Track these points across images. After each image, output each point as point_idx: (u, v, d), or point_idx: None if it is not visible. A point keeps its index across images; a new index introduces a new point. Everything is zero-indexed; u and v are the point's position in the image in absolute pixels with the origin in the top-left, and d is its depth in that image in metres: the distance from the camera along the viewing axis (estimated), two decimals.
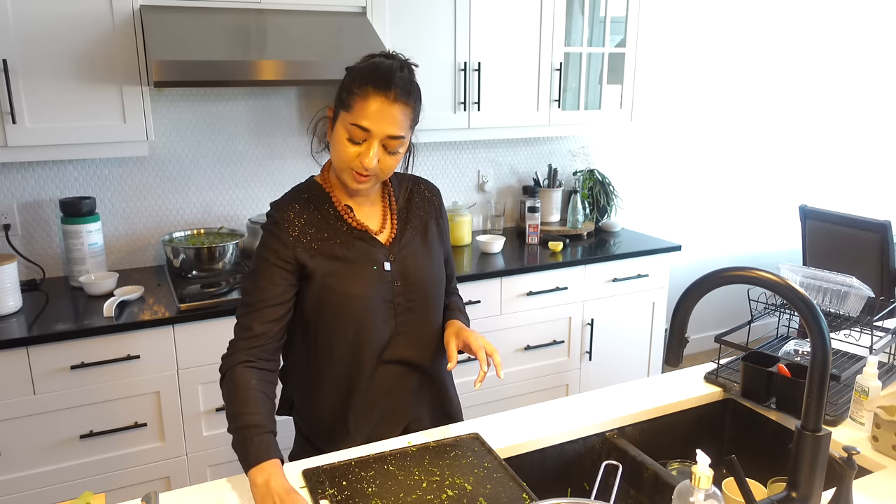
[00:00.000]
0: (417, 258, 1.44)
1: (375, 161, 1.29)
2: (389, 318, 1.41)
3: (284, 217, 1.36)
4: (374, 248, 1.40)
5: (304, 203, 1.39)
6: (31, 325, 2.08)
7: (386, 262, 1.40)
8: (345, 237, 1.38)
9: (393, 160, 1.33)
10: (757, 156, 4.18)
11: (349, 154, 1.31)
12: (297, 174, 2.85)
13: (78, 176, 2.51)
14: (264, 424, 1.24)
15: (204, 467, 2.32)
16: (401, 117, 1.29)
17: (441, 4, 2.62)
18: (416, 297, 1.43)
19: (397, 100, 1.28)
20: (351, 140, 1.30)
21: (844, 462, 1.09)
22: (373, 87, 1.27)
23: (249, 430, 1.22)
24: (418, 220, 1.48)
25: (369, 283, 1.37)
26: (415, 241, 1.45)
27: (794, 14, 4.04)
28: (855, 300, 1.72)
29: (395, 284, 1.40)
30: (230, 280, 2.39)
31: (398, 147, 1.32)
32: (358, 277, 1.37)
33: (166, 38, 2.11)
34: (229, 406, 1.27)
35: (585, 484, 1.47)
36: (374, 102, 1.27)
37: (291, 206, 1.38)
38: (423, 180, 1.55)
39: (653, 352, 3.18)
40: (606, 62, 3.06)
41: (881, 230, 3.20)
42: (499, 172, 3.30)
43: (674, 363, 1.16)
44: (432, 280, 1.46)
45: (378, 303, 1.38)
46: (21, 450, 2.05)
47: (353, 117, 1.28)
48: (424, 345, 1.46)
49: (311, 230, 1.37)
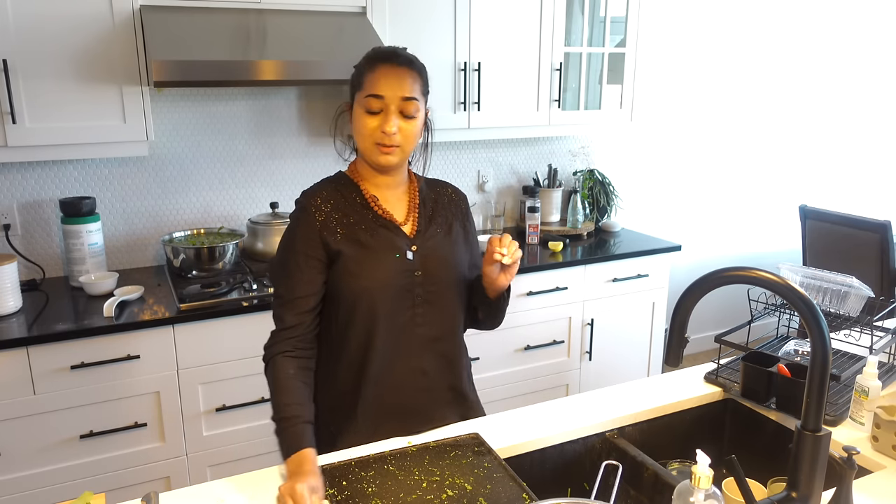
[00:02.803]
0: (440, 251, 1.46)
1: (395, 126, 1.34)
2: (407, 308, 1.41)
3: (311, 202, 1.41)
4: (398, 237, 1.42)
5: (331, 190, 1.44)
6: (31, 325, 2.08)
7: (408, 251, 1.42)
8: (370, 224, 1.41)
9: (412, 127, 1.37)
10: (757, 156, 4.18)
11: (370, 127, 1.35)
12: (297, 174, 2.85)
13: (78, 176, 2.51)
14: (300, 415, 1.30)
15: (204, 467, 2.32)
16: (410, 81, 1.36)
17: (441, 4, 2.62)
18: (436, 290, 1.44)
19: (402, 65, 1.36)
20: (369, 112, 1.35)
21: (844, 462, 1.09)
22: (379, 60, 1.36)
23: (285, 423, 1.29)
24: (443, 218, 1.51)
25: (390, 270, 1.39)
26: (438, 236, 1.47)
27: (794, 14, 4.04)
28: (855, 300, 1.72)
29: (416, 274, 1.41)
30: (230, 280, 2.39)
31: (414, 111, 1.36)
32: (380, 263, 1.39)
33: (166, 38, 2.11)
34: (271, 395, 1.34)
35: (585, 484, 1.47)
36: (382, 70, 1.35)
37: (319, 192, 1.43)
38: (451, 185, 1.58)
39: (653, 352, 3.18)
40: (606, 62, 3.06)
41: (881, 230, 3.20)
42: (499, 172, 3.30)
43: (674, 363, 1.16)
44: (454, 275, 1.47)
45: (398, 290, 1.40)
46: (21, 450, 2.05)
47: (367, 90, 1.35)
48: (441, 338, 1.46)
49: (338, 215, 1.40)
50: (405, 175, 1.49)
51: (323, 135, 2.86)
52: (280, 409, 1.31)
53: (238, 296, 2.30)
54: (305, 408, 1.33)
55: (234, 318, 2.24)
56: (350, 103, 1.42)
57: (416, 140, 1.41)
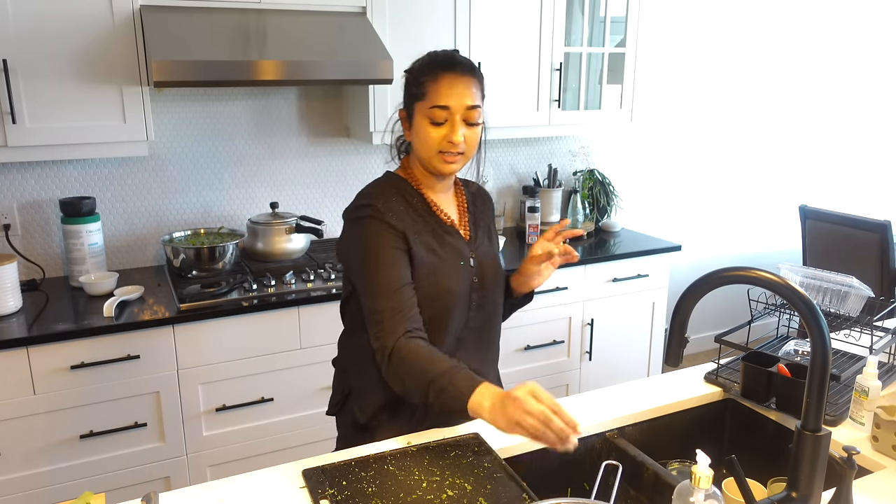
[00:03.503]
0: (489, 256, 1.50)
1: (462, 135, 1.34)
2: (464, 313, 1.44)
3: (375, 207, 1.35)
4: (462, 244, 1.45)
5: (389, 196, 1.40)
6: (31, 325, 2.08)
7: (471, 257, 1.45)
8: (436, 231, 1.42)
9: (475, 134, 1.38)
10: (757, 156, 4.18)
11: (435, 138, 1.35)
12: (297, 174, 2.85)
13: (78, 176, 2.51)
14: (455, 365, 1.23)
15: (204, 467, 2.32)
16: (473, 88, 1.36)
17: (441, 4, 2.62)
18: (487, 295, 1.47)
19: (465, 73, 1.35)
20: (434, 123, 1.35)
21: (844, 462, 1.09)
22: (440, 69, 1.35)
23: (444, 377, 1.21)
24: (483, 221, 1.54)
25: (459, 277, 1.42)
26: (484, 241, 1.51)
27: (794, 14, 4.04)
28: (855, 300, 1.72)
29: (474, 280, 1.44)
30: (230, 280, 2.39)
31: (477, 118, 1.37)
32: (451, 272, 1.41)
33: (166, 38, 2.11)
34: (409, 378, 1.26)
35: (585, 484, 1.47)
36: (446, 80, 1.34)
37: (379, 199, 1.37)
38: (475, 183, 1.60)
39: (653, 352, 3.18)
40: (606, 62, 3.06)
41: (881, 230, 3.20)
42: (499, 172, 3.30)
43: (674, 363, 1.16)
44: (499, 280, 1.51)
45: (461, 297, 1.42)
46: (21, 450, 2.05)
47: (431, 101, 1.34)
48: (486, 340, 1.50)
49: (406, 220, 1.38)
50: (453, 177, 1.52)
51: (323, 135, 2.86)
52: (429, 374, 1.21)
53: (238, 296, 2.30)
54: (456, 362, 1.25)
55: (234, 318, 2.24)
56: (405, 111, 1.41)
57: (476, 146, 1.42)
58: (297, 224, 2.64)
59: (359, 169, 2.96)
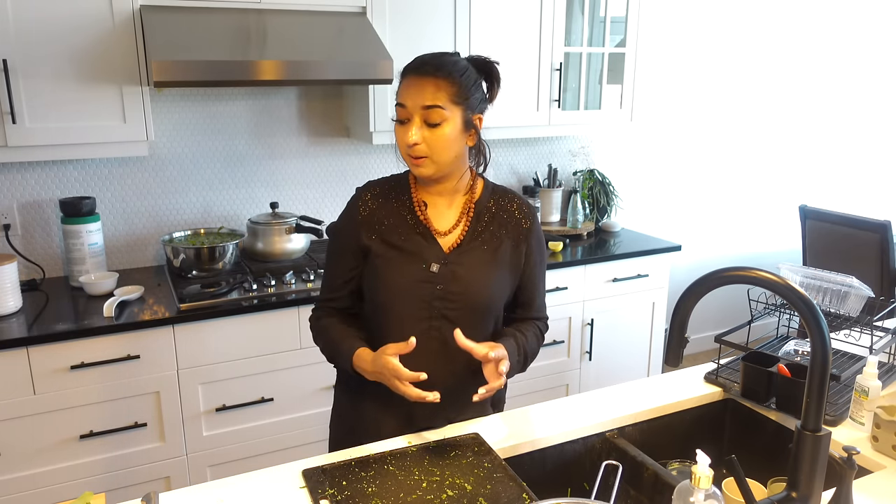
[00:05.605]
0: (472, 270, 1.41)
1: (416, 135, 1.34)
2: (423, 319, 1.40)
3: (361, 196, 1.47)
4: (430, 247, 1.42)
5: (384, 189, 1.48)
6: (31, 325, 2.08)
7: (435, 263, 1.41)
8: (407, 229, 1.43)
9: (438, 136, 1.34)
10: (757, 156, 4.18)
11: (398, 136, 1.39)
12: (297, 174, 2.85)
13: (78, 176, 2.51)
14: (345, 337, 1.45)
15: (204, 467, 2.32)
16: (432, 88, 1.34)
17: (441, 5, 2.62)
18: (457, 308, 1.40)
19: (427, 74, 1.35)
20: (398, 122, 1.38)
21: (844, 462, 1.09)
22: (409, 69, 1.39)
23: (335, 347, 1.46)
24: (493, 235, 1.45)
25: (410, 277, 1.40)
26: (478, 253, 1.43)
27: (794, 14, 4.04)
28: (855, 300, 1.72)
29: (437, 288, 1.40)
30: (230, 280, 2.39)
31: (437, 119, 1.34)
32: (403, 269, 1.41)
33: (166, 38, 2.11)
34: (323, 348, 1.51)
35: (585, 484, 1.47)
36: (407, 80, 1.37)
37: (372, 188, 1.48)
38: (522, 200, 1.53)
39: (653, 352, 3.18)
40: (606, 62, 3.06)
41: (881, 230, 3.20)
42: (499, 172, 3.30)
43: (674, 363, 1.16)
44: (482, 297, 1.42)
45: (415, 299, 1.40)
46: (21, 450, 2.05)
47: (396, 99, 1.38)
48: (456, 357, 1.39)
49: (380, 214, 1.45)
50: (462, 183, 1.47)
51: (323, 135, 2.86)
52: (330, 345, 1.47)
53: (238, 296, 2.30)
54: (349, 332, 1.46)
55: (234, 318, 2.24)
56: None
57: (448, 149, 1.36)
58: (297, 224, 2.64)
59: (359, 169, 2.96)
